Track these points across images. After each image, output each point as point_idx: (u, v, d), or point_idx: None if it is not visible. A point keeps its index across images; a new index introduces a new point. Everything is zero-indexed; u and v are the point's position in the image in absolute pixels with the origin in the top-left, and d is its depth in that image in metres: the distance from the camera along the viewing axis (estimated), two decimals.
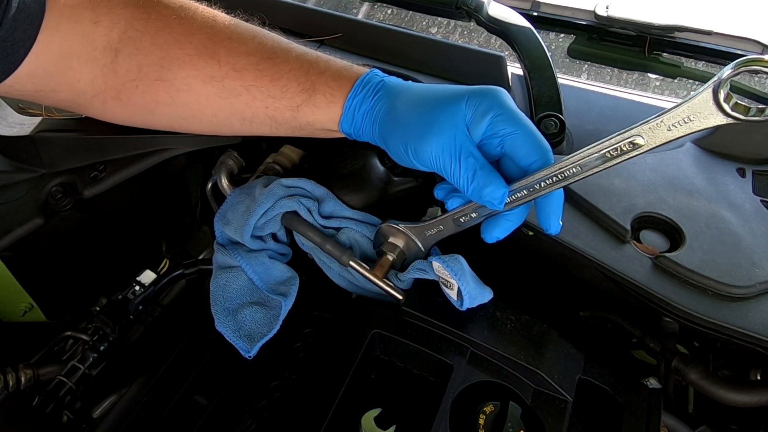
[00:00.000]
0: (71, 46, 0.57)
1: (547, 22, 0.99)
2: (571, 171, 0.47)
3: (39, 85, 0.58)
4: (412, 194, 0.68)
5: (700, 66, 0.93)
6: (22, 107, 0.85)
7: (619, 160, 0.46)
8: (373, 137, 0.57)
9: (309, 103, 0.57)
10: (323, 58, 0.59)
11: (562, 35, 1.01)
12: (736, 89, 0.89)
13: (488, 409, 0.50)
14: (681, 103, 0.41)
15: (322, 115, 0.57)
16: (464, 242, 0.69)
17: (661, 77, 0.97)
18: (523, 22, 0.79)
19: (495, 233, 0.53)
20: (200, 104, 0.59)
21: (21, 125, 0.74)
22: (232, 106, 0.59)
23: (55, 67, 0.57)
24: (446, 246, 0.67)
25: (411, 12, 1.40)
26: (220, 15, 0.60)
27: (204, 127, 0.63)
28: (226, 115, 0.60)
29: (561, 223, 0.52)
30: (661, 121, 0.42)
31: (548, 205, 0.51)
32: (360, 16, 1.28)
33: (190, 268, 0.72)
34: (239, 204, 0.65)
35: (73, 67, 0.58)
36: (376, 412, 0.51)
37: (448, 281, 0.55)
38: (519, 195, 0.50)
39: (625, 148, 0.45)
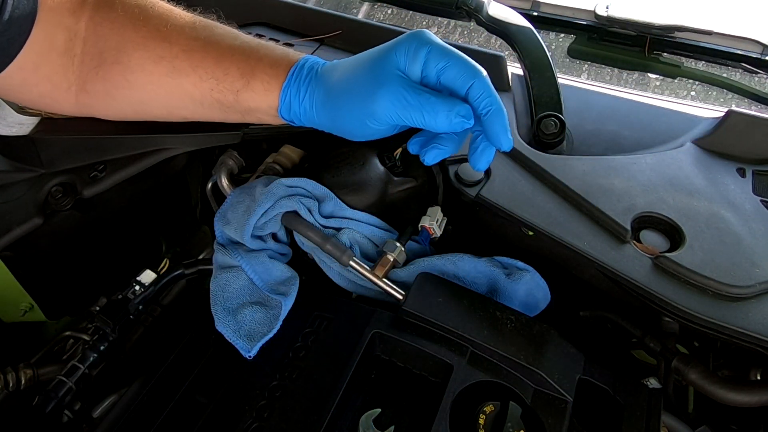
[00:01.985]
0: (55, 37, 0.60)
1: (547, 22, 0.99)
2: None
3: (26, 77, 0.61)
4: (412, 194, 0.68)
5: (700, 66, 0.93)
6: (21, 107, 0.85)
7: None
8: (317, 122, 0.58)
9: (248, 89, 0.59)
10: (264, 45, 0.61)
11: (562, 35, 1.01)
12: (735, 89, 0.89)
13: (488, 409, 0.50)
14: None
15: (261, 102, 0.59)
16: (465, 243, 0.69)
17: (661, 77, 0.97)
18: (523, 22, 0.79)
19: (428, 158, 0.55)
20: (153, 84, 0.61)
21: (20, 125, 0.74)
22: (182, 86, 0.61)
23: (41, 59, 0.60)
24: (447, 248, 0.67)
25: (411, 12, 1.40)
26: (177, 8, 0.63)
27: (161, 110, 0.65)
28: (179, 96, 0.62)
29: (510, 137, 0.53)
30: None
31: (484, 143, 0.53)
32: (360, 16, 1.28)
33: (190, 268, 0.72)
34: (239, 204, 0.65)
35: (53, 59, 0.61)
36: (375, 412, 0.51)
37: None
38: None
39: None
